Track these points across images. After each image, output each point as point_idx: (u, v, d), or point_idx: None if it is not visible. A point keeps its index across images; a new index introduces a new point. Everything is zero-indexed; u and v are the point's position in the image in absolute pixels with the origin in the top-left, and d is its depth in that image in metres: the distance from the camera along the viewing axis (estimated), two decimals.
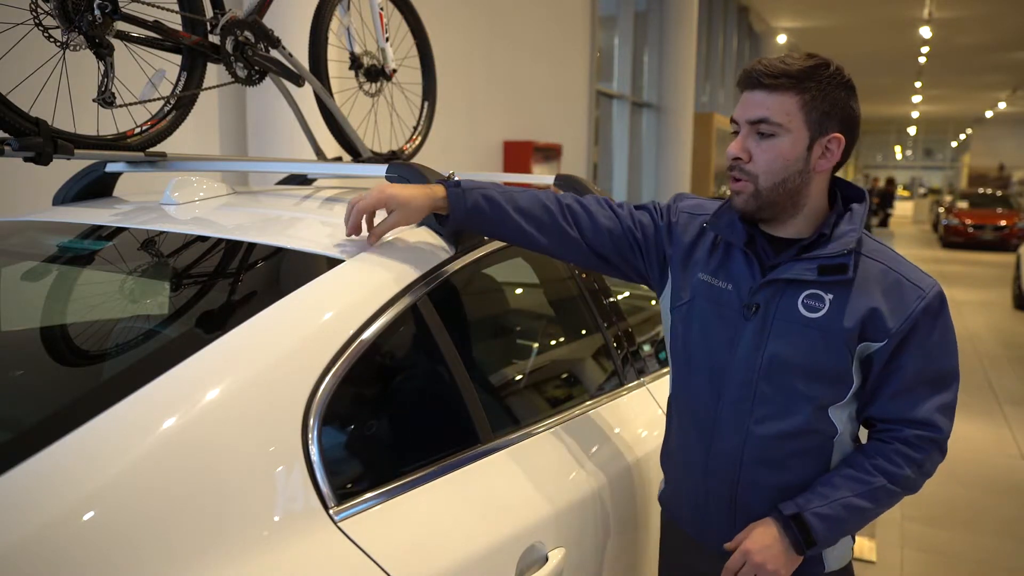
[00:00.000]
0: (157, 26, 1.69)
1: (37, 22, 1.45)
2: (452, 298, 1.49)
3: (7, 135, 1.43)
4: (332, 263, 1.29)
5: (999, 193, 18.61)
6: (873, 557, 3.20)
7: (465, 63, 5.60)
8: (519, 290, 2.14)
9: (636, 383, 1.84)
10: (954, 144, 41.01)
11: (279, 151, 3.57)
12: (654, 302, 2.71)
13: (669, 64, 10.27)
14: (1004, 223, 15.92)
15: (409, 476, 1.20)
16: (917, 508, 3.62)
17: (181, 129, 1.81)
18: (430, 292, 1.36)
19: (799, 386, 1.30)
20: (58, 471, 0.90)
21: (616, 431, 1.67)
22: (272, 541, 0.99)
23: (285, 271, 1.34)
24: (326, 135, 2.30)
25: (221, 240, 1.45)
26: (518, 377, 1.77)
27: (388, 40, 2.48)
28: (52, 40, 1.48)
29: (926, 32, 13.96)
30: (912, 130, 39.70)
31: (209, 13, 1.85)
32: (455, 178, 1.44)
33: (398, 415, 1.33)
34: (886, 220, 21.19)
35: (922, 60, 17.34)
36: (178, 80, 1.83)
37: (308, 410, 1.08)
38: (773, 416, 1.33)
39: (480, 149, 6.06)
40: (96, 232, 1.59)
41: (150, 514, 0.92)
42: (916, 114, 31.79)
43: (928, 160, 45.01)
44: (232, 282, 1.34)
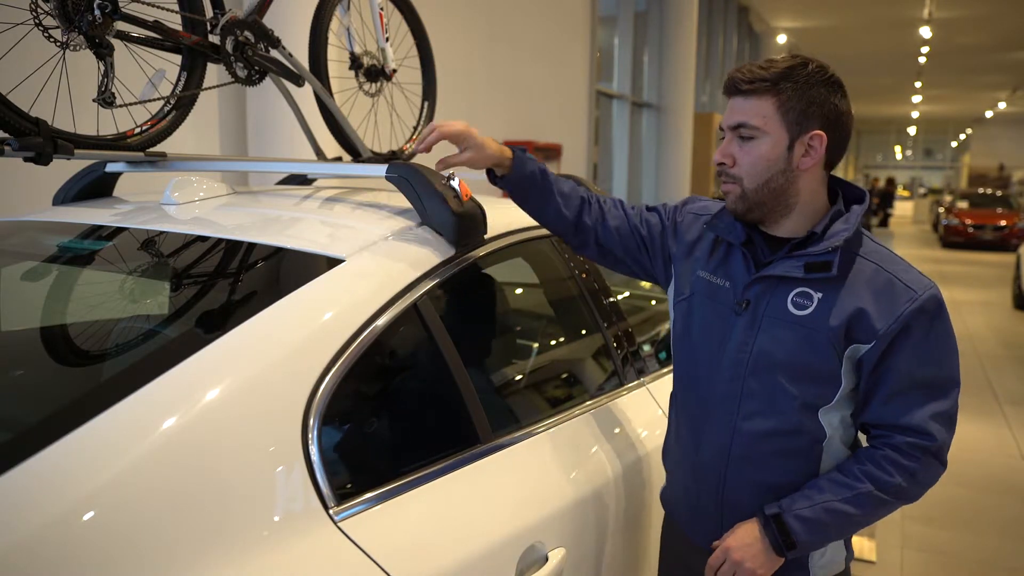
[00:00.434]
0: (157, 26, 1.69)
1: (37, 22, 1.45)
2: (452, 298, 1.49)
3: (7, 135, 1.43)
4: (332, 263, 1.29)
5: (999, 193, 18.60)
6: (873, 557, 3.20)
7: (465, 63, 5.59)
8: (519, 290, 2.14)
9: (636, 383, 1.84)
10: (954, 144, 40.99)
11: (279, 151, 3.57)
12: (654, 302, 2.72)
13: (669, 64, 10.27)
14: (1004, 223, 15.92)
15: (409, 476, 1.20)
16: (917, 508, 3.62)
17: (181, 129, 1.81)
18: (430, 292, 1.36)
19: (784, 384, 1.31)
20: (58, 471, 0.90)
21: (616, 431, 1.67)
22: (272, 541, 0.99)
23: (285, 271, 1.34)
24: (326, 135, 2.30)
25: (221, 240, 1.45)
26: (518, 377, 1.77)
27: (388, 40, 2.48)
28: (52, 40, 1.48)
29: (926, 32, 13.96)
30: (912, 130, 39.69)
31: (209, 13, 1.85)
32: (456, 177, 1.48)
33: (398, 415, 1.33)
34: (886, 220, 21.18)
35: (922, 60, 17.34)
36: (178, 80, 1.83)
37: (308, 410, 1.09)
38: (758, 413, 1.33)
39: None
40: (96, 232, 1.59)
41: (150, 514, 0.92)
42: (916, 114, 31.79)
43: (928, 160, 45.00)
44: (232, 282, 1.34)
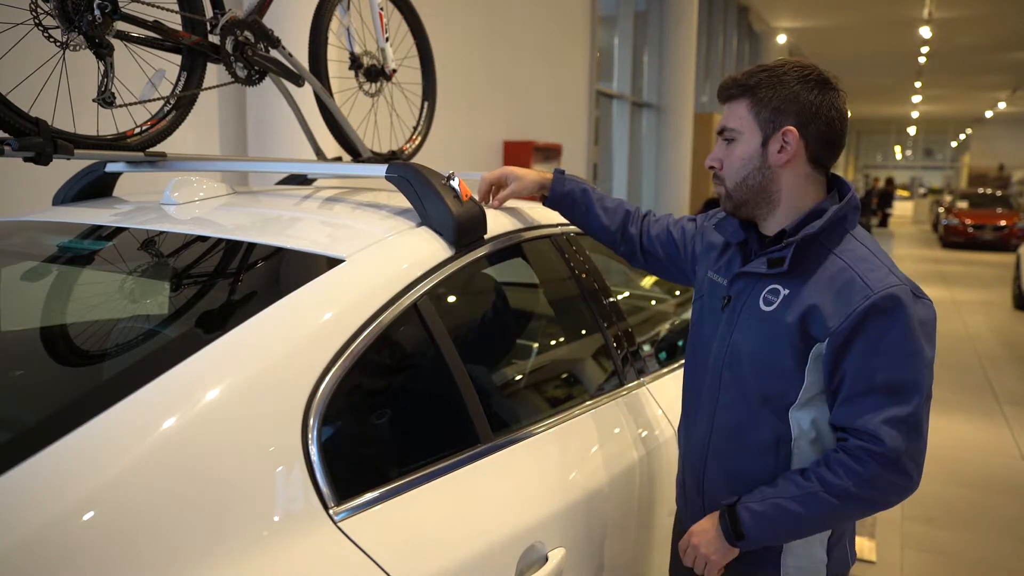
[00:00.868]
0: (157, 26, 1.69)
1: (37, 22, 1.45)
2: (452, 298, 1.50)
3: (7, 135, 1.43)
4: (332, 263, 1.29)
5: (999, 193, 18.59)
6: (873, 557, 3.20)
7: (465, 63, 5.59)
8: (519, 290, 2.14)
9: (636, 383, 1.84)
10: (954, 144, 40.96)
11: (279, 151, 3.57)
12: (654, 302, 2.72)
13: (669, 64, 10.26)
14: (1004, 223, 15.92)
15: (409, 476, 1.20)
16: (917, 508, 3.62)
17: (181, 129, 1.81)
18: (430, 292, 1.36)
19: (750, 378, 1.36)
20: (58, 471, 0.90)
21: (616, 431, 1.67)
22: (272, 541, 0.99)
23: (285, 271, 1.34)
24: (326, 135, 2.30)
25: (221, 240, 1.45)
26: (518, 377, 1.77)
27: (388, 40, 2.48)
28: (52, 40, 1.48)
29: (926, 32, 13.95)
30: (912, 130, 39.67)
31: (209, 13, 1.85)
32: (456, 177, 1.50)
33: (398, 415, 1.33)
34: (885, 220, 21.16)
35: (922, 60, 17.33)
36: (178, 80, 1.83)
37: (308, 410, 1.08)
38: (730, 406, 1.39)
39: (480, 149, 6.05)
40: (96, 232, 1.59)
41: (150, 514, 0.92)
42: (916, 114, 31.76)
43: (928, 160, 44.96)
44: (232, 282, 1.34)
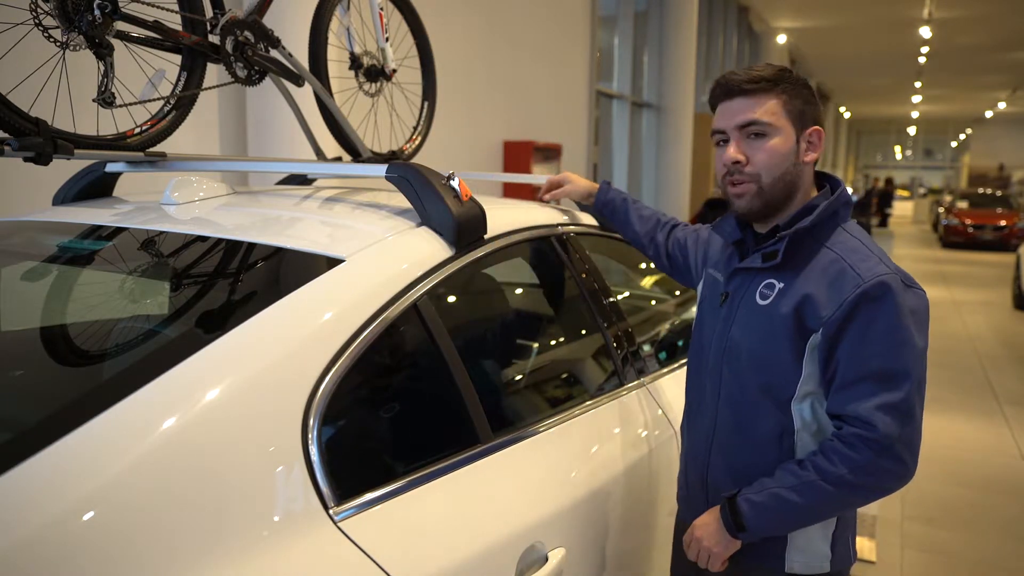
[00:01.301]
0: (157, 26, 1.69)
1: (37, 22, 1.44)
2: (452, 298, 1.50)
3: (7, 135, 1.43)
4: (332, 263, 1.29)
5: (999, 193, 18.59)
6: (873, 557, 3.20)
7: (465, 63, 5.59)
8: (519, 290, 2.14)
9: (636, 383, 1.84)
10: (954, 144, 40.97)
11: (279, 151, 3.57)
12: (654, 302, 2.72)
13: (669, 64, 10.26)
14: (1004, 223, 15.91)
15: (409, 476, 1.20)
16: (917, 508, 3.62)
17: (181, 129, 1.81)
18: (430, 292, 1.36)
19: (750, 372, 1.37)
20: (58, 471, 0.90)
21: (616, 431, 1.67)
22: (272, 541, 0.99)
23: (285, 271, 1.34)
24: (326, 135, 2.30)
25: (221, 240, 1.45)
26: (518, 377, 1.77)
27: (388, 40, 2.48)
28: (52, 40, 1.48)
29: (926, 32, 13.95)
30: (912, 130, 39.68)
31: (209, 13, 1.85)
32: (456, 177, 1.51)
33: (398, 415, 1.33)
34: (885, 220, 21.16)
35: (922, 60, 17.33)
36: (178, 80, 1.83)
37: (308, 410, 1.09)
38: (731, 401, 1.40)
39: (480, 149, 6.05)
40: (96, 232, 1.59)
41: (150, 514, 0.92)
42: (916, 114, 31.77)
43: (928, 160, 44.99)
44: (232, 282, 1.34)
